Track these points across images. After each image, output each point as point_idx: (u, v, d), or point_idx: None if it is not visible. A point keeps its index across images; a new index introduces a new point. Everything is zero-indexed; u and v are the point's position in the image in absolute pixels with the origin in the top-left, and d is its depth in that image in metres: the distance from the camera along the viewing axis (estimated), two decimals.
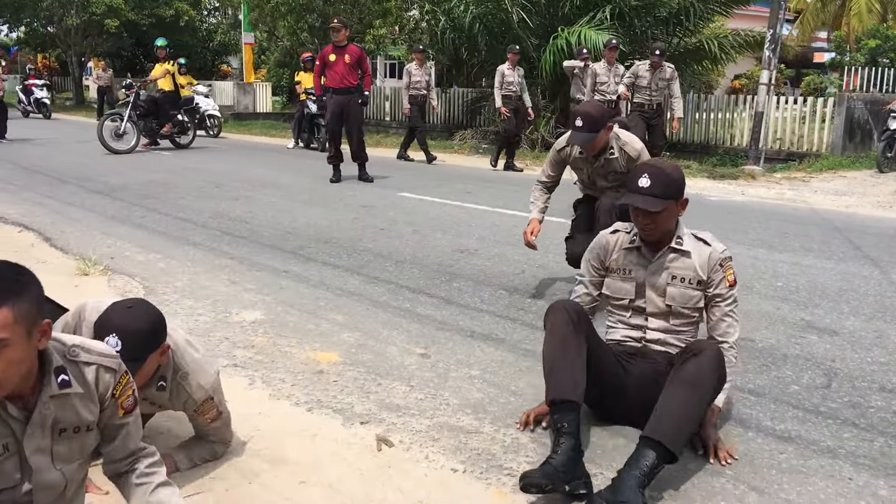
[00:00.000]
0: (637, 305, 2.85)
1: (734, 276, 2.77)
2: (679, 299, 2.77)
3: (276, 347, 3.74)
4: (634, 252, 2.85)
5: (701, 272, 2.74)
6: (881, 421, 3.01)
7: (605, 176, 4.38)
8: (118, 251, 5.64)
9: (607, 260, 2.90)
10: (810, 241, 6.44)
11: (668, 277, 2.77)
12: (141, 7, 28.50)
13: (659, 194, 2.64)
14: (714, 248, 2.76)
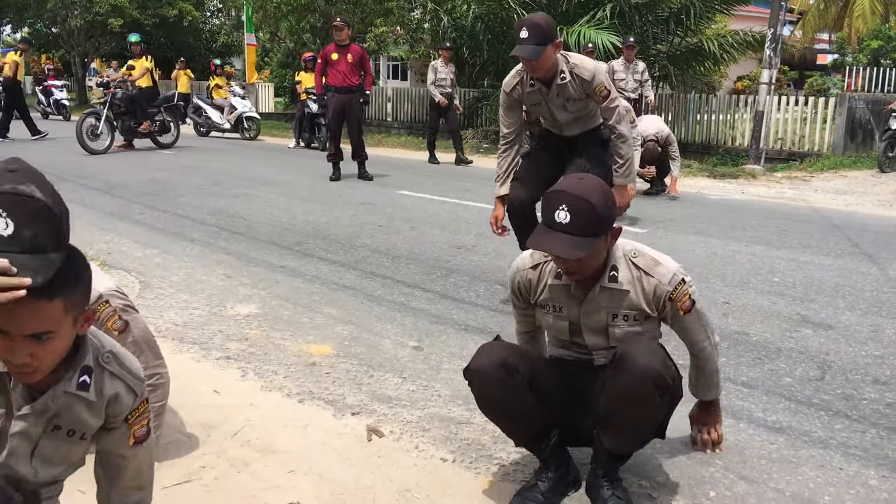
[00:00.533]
0: (576, 342, 2.36)
1: (689, 301, 2.23)
2: (626, 338, 2.25)
3: (269, 340, 3.74)
4: (562, 289, 2.28)
5: (647, 308, 2.22)
6: (873, 413, 2.99)
7: (564, 106, 3.99)
8: (115, 247, 5.65)
9: (533, 297, 2.36)
10: (808, 237, 6.42)
11: (607, 318, 2.24)
12: (144, 7, 28.56)
13: (581, 232, 2.02)
14: (659, 279, 2.20)
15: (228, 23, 33.31)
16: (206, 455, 2.63)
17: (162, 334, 3.77)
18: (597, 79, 3.82)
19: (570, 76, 3.83)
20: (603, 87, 3.85)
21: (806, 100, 13.68)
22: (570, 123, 4.08)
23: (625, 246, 2.24)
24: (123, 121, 12.79)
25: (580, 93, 3.87)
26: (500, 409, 2.26)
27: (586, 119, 4.09)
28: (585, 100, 3.94)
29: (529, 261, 2.36)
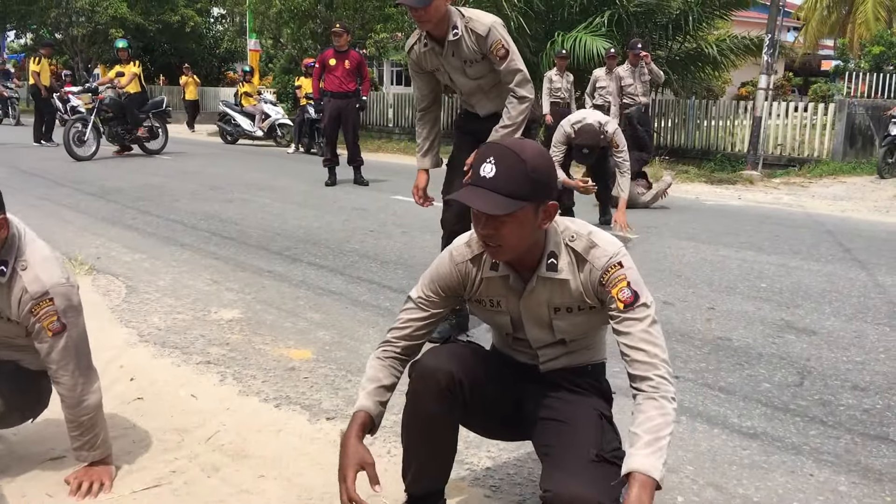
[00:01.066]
0: (519, 337, 2.07)
1: (628, 290, 1.82)
2: (573, 330, 1.99)
3: (250, 345, 3.75)
4: (500, 281, 1.98)
5: (588, 298, 1.90)
6: (849, 419, 2.98)
7: (462, 70, 3.55)
8: (105, 251, 5.66)
9: (467, 291, 2.03)
10: (800, 243, 6.41)
11: (549, 311, 1.95)
12: (147, 13, 28.73)
13: (507, 191, 1.71)
14: (593, 264, 1.86)
15: (232, 29, 33.46)
16: (178, 460, 2.62)
17: (144, 339, 3.79)
18: (493, 34, 3.40)
19: (464, 32, 3.41)
20: (500, 45, 3.42)
21: (806, 106, 13.68)
22: (477, 95, 3.67)
23: (564, 230, 1.92)
24: (111, 126, 12.58)
25: (476, 53, 3.45)
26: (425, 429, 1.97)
27: (498, 94, 3.63)
28: (485, 63, 3.51)
29: (467, 251, 2.00)
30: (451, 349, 2.03)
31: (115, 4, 27.52)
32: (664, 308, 4.43)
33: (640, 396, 1.77)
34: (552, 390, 2.03)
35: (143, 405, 3.04)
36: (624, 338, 1.82)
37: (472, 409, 1.96)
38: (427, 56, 3.59)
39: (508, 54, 3.45)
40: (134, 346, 3.70)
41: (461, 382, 1.90)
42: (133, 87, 12.83)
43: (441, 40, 3.48)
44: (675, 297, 4.66)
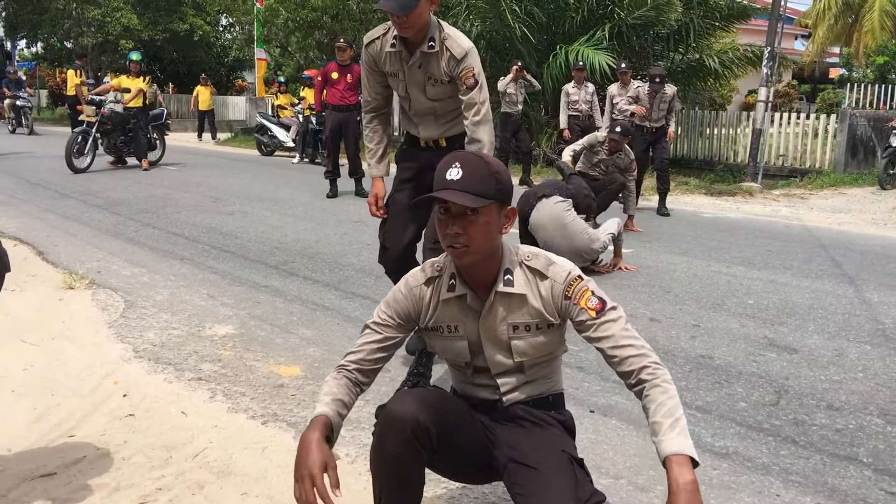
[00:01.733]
0: (477, 365, 2.09)
1: (595, 298, 1.91)
2: (531, 352, 2.02)
3: (241, 361, 3.84)
4: (457, 303, 2.02)
5: (548, 314, 1.97)
6: (821, 439, 3.05)
7: (423, 86, 3.34)
8: (106, 265, 5.77)
9: (422, 318, 2.07)
10: (792, 258, 6.47)
11: (508, 329, 1.99)
12: (156, 23, 29.00)
13: (474, 190, 1.84)
14: (553, 279, 1.95)
15: (241, 37, 33.71)
16: (165, 477, 2.71)
17: (139, 355, 3.88)
18: (468, 60, 3.25)
19: (440, 47, 3.24)
20: (471, 74, 3.26)
21: (807, 115, 13.73)
22: (427, 117, 3.46)
23: (518, 251, 2.03)
24: (110, 139, 12.54)
25: (445, 73, 3.28)
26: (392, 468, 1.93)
27: (448, 121, 3.47)
28: (449, 86, 3.33)
29: (422, 275, 2.08)
30: (419, 394, 2.01)
31: (126, 15, 27.80)
32: (650, 325, 4.50)
33: (644, 387, 1.84)
34: (519, 431, 2.05)
35: (135, 421, 3.13)
36: (605, 342, 1.89)
37: (440, 455, 1.96)
38: (390, 58, 3.34)
39: (477, 85, 3.29)
40: (129, 362, 3.79)
41: (428, 429, 1.88)
42: (137, 102, 12.81)
43: (413, 48, 3.27)
44: (661, 314, 4.73)
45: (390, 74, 3.40)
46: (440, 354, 2.16)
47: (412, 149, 3.60)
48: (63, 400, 3.31)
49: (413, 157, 3.57)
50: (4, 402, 3.29)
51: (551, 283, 1.96)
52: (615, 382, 3.60)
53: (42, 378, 3.55)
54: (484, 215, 1.86)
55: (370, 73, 3.47)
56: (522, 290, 1.98)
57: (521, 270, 2.00)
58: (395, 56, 3.31)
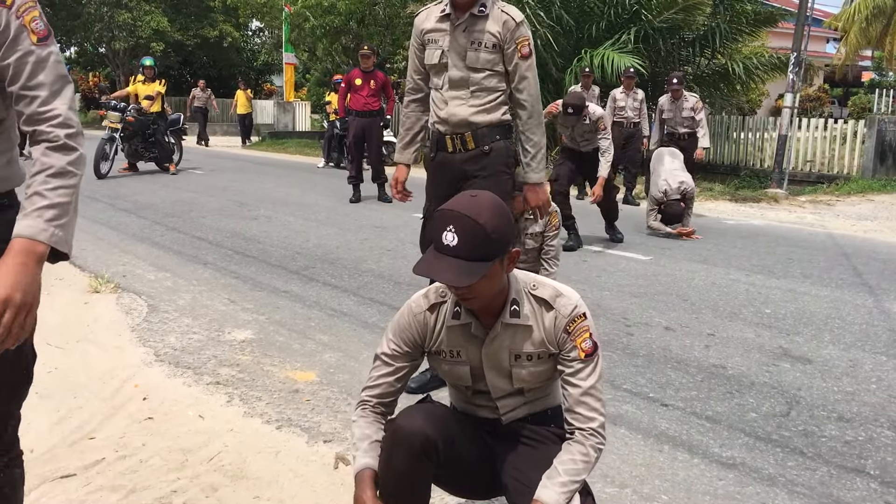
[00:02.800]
0: (478, 389, 2.11)
1: (590, 341, 1.95)
2: (531, 379, 2.05)
3: (259, 366, 3.91)
4: (461, 329, 2.03)
5: (549, 345, 1.99)
6: (829, 451, 3.06)
7: (465, 52, 3.25)
8: (131, 269, 5.89)
9: (427, 343, 2.08)
10: (812, 267, 6.43)
11: (510, 358, 2.02)
12: (186, 28, 29.40)
13: (470, 256, 1.80)
14: (559, 311, 1.97)
15: (270, 41, 34.07)
16: (180, 480, 2.79)
17: (160, 358, 3.98)
18: (525, 28, 3.22)
19: (493, 10, 3.22)
20: (527, 42, 3.22)
21: (836, 120, 13.60)
22: (459, 91, 3.32)
23: (525, 279, 2.04)
24: (131, 143, 12.54)
25: (494, 37, 3.20)
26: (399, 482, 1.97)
27: (478, 103, 3.32)
28: (491, 56, 3.24)
29: (425, 301, 2.08)
30: (427, 409, 2.05)
31: (156, 19, 28.22)
32: (665, 334, 4.51)
33: (573, 437, 1.94)
34: (521, 449, 2.09)
35: (153, 424, 3.22)
36: (574, 389, 1.95)
37: (445, 469, 2.00)
38: (435, 23, 3.32)
39: (531, 54, 3.26)
40: (150, 366, 3.88)
41: (436, 444, 1.92)
42: (156, 107, 12.88)
43: (462, 12, 3.23)
44: (677, 323, 4.74)
45: (430, 42, 3.34)
46: (443, 377, 2.19)
47: (441, 153, 3.47)
48: (85, 402, 3.41)
49: (443, 167, 3.48)
50: (28, 403, 3.33)
51: (555, 315, 1.98)
52: (625, 391, 3.63)
53: (65, 380, 3.65)
54: (485, 277, 1.84)
55: (414, 48, 3.47)
56: (528, 321, 1.99)
57: (528, 300, 2.00)
58: (443, 19, 3.30)
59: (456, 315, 2.03)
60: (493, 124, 3.35)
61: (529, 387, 2.07)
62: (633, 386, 3.70)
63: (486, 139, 3.34)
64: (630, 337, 4.45)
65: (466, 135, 3.35)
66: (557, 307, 1.98)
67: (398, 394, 2.14)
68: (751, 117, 15.99)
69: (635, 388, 3.66)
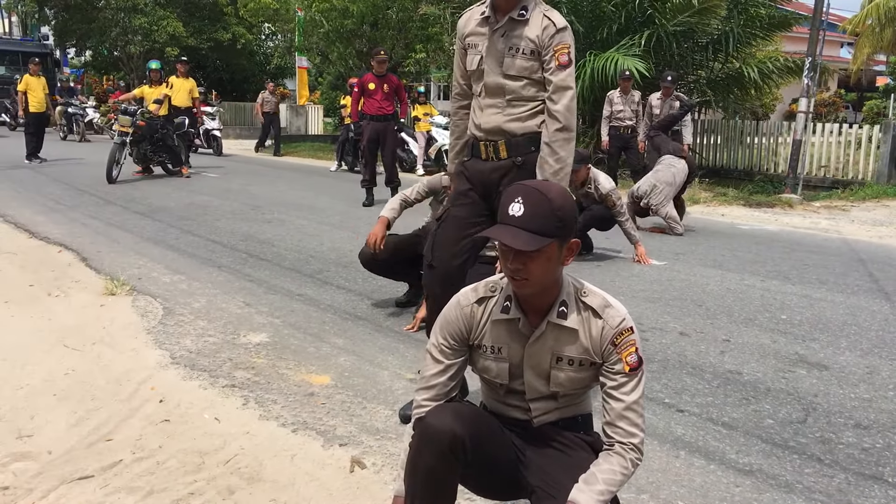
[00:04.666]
0: (513, 388, 2.12)
1: (636, 356, 1.97)
2: (568, 384, 2.06)
3: (274, 369, 3.93)
4: (506, 325, 2.06)
5: (593, 354, 2.00)
6: (847, 457, 3.04)
7: (502, 57, 3.11)
8: (146, 272, 5.92)
9: (472, 335, 2.09)
10: (828, 272, 6.40)
11: (552, 360, 2.03)
12: (200, 32, 29.56)
13: (535, 229, 1.86)
14: (606, 321, 1.98)
15: (282, 45, 34.21)
16: (197, 482, 2.80)
17: (176, 361, 4.00)
18: (566, 35, 3.05)
19: (534, 17, 3.06)
20: (566, 50, 3.04)
21: (850, 125, 13.54)
22: (494, 99, 3.18)
23: (576, 284, 2.05)
24: (140, 147, 12.49)
25: (533, 42, 3.05)
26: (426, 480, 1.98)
27: (514, 113, 3.17)
28: (529, 63, 3.09)
29: (473, 295, 2.11)
30: (456, 408, 2.05)
31: (172, 24, 28.39)
32: (679, 339, 4.50)
33: (612, 448, 1.95)
34: (550, 455, 2.10)
35: (170, 427, 3.24)
36: (616, 403, 1.96)
37: (472, 469, 2.00)
38: (477, 28, 3.19)
39: (570, 65, 3.06)
40: (166, 368, 3.90)
41: (464, 444, 1.92)
42: (163, 111, 12.86)
43: (502, 15, 3.10)
44: (692, 328, 4.72)
45: (470, 46, 3.22)
46: (479, 373, 2.18)
47: (474, 159, 3.33)
48: (102, 404, 3.43)
49: (472, 172, 3.31)
50: (47, 405, 3.41)
51: (603, 325, 1.98)
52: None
53: (82, 382, 3.68)
54: (544, 252, 1.88)
55: (458, 50, 3.35)
56: (575, 324, 2.00)
57: (577, 305, 2.02)
58: (482, 22, 3.17)
59: (505, 309, 2.05)
60: (528, 134, 3.16)
61: (565, 392, 2.07)
62: (649, 391, 3.69)
63: (519, 149, 3.17)
64: (645, 342, 4.44)
65: (500, 143, 3.20)
66: (606, 317, 1.98)
67: (452, 394, 2.13)
68: (765, 122, 15.93)
69: (651, 394, 3.65)
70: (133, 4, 27.89)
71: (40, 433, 3.14)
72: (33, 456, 2.92)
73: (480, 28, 3.16)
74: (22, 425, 3.19)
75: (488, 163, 3.24)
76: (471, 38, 3.21)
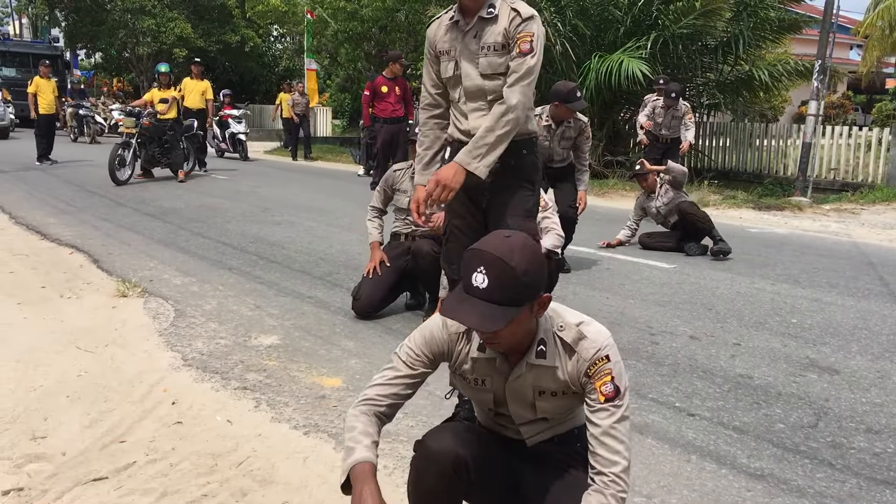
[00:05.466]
0: (501, 413, 2.12)
1: (611, 385, 1.91)
2: (553, 410, 2.06)
3: (285, 372, 3.94)
4: (487, 363, 2.03)
5: (572, 385, 1.98)
6: (858, 462, 3.04)
7: (476, 56, 3.05)
8: (158, 274, 5.95)
9: (451, 361, 2.08)
10: (838, 276, 6.39)
11: (534, 394, 2.02)
12: (209, 34, 29.66)
13: (499, 300, 1.77)
14: (580, 354, 1.94)
15: (291, 47, 34.30)
16: (210, 484, 2.82)
17: (188, 363, 4.02)
18: (532, 24, 2.97)
19: (501, 11, 3.00)
20: (528, 38, 2.95)
21: (860, 127, 13.50)
22: (476, 104, 3.10)
23: (554, 318, 2.00)
24: (147, 150, 12.38)
25: (503, 36, 2.99)
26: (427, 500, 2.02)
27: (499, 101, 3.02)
28: (504, 58, 3.02)
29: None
30: (455, 429, 2.06)
31: (180, 26, 28.50)
32: (690, 343, 4.50)
33: (592, 487, 1.91)
34: (549, 474, 2.09)
35: (182, 429, 3.25)
36: (594, 428, 1.92)
37: (474, 487, 2.01)
38: (447, 32, 3.12)
39: (532, 52, 2.95)
40: (178, 370, 3.92)
41: (467, 464, 1.93)
42: (172, 114, 12.78)
43: (471, 16, 3.04)
44: (702, 332, 4.72)
45: (443, 53, 3.14)
46: (465, 395, 2.17)
47: None
48: (115, 406, 3.45)
49: None
50: (60, 407, 3.44)
51: (578, 358, 1.95)
52: (651, 401, 3.62)
53: (95, 384, 3.70)
54: (514, 320, 1.81)
55: (428, 62, 3.26)
56: (553, 362, 1.97)
57: (554, 341, 1.98)
58: (452, 27, 3.09)
59: (482, 348, 2.02)
60: (517, 138, 3.04)
61: (552, 416, 2.07)
62: (659, 395, 3.69)
63: (510, 154, 3.04)
64: (655, 346, 4.44)
65: None
66: (579, 351, 1.95)
67: (405, 400, 2.10)
68: (774, 124, 15.90)
69: (661, 398, 3.66)
70: (140, 6, 28.01)
71: (54, 434, 3.16)
72: (48, 457, 2.95)
73: (451, 34, 3.10)
74: (36, 426, 3.22)
75: None
76: (442, 45, 3.14)
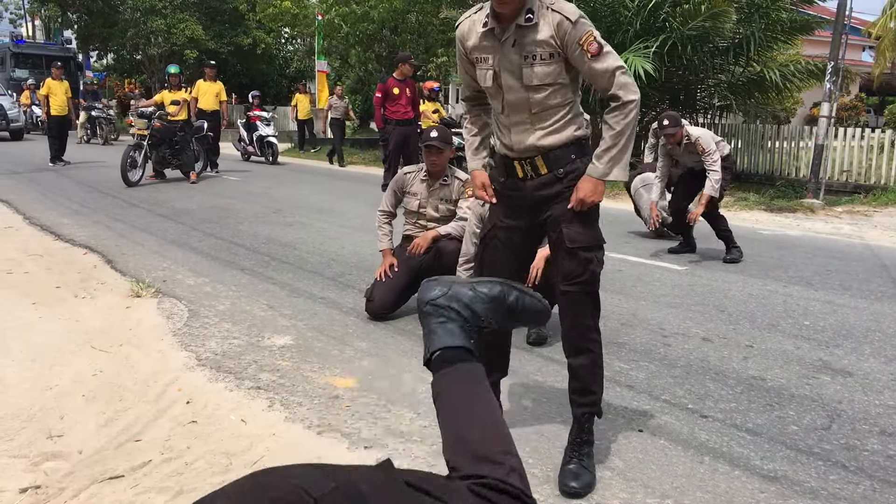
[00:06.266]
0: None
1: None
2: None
3: (299, 372, 3.96)
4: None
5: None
6: (872, 464, 3.03)
7: (519, 69, 2.79)
8: (171, 274, 5.99)
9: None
10: (851, 278, 6.36)
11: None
12: (220, 36, 29.78)
13: None
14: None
15: (302, 49, 34.39)
16: (226, 483, 2.83)
17: (202, 363, 4.05)
18: (582, 24, 2.71)
19: (541, 18, 2.73)
20: (592, 38, 2.70)
21: (872, 129, 13.44)
22: (522, 115, 2.88)
23: None
24: (158, 151, 12.47)
25: (550, 44, 2.74)
26: None
27: (546, 124, 2.86)
28: (552, 67, 2.78)
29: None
30: None
31: (191, 27, 28.64)
32: (702, 344, 4.50)
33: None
34: None
35: (197, 428, 3.28)
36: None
37: None
38: (482, 40, 2.87)
39: (602, 49, 2.71)
40: (192, 370, 3.95)
41: None
42: (182, 115, 12.81)
43: (507, 23, 2.78)
44: (714, 334, 4.72)
45: (479, 61, 2.91)
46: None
47: (511, 179, 3.00)
48: (130, 405, 3.48)
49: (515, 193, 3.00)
50: (76, 406, 3.47)
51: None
52: (664, 402, 3.62)
53: (110, 384, 3.73)
54: None
55: (461, 60, 3.05)
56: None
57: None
58: (488, 36, 2.85)
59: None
60: (565, 144, 2.87)
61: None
62: (672, 397, 3.69)
63: (559, 162, 2.87)
64: (668, 347, 4.44)
65: (537, 159, 2.90)
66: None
67: None
68: (786, 126, 15.83)
69: (674, 399, 3.66)
70: (151, 6, 28.16)
71: (70, 433, 3.19)
72: (64, 455, 2.97)
73: (486, 41, 2.86)
74: (52, 425, 3.25)
75: (528, 181, 2.95)
76: (477, 53, 2.91)
